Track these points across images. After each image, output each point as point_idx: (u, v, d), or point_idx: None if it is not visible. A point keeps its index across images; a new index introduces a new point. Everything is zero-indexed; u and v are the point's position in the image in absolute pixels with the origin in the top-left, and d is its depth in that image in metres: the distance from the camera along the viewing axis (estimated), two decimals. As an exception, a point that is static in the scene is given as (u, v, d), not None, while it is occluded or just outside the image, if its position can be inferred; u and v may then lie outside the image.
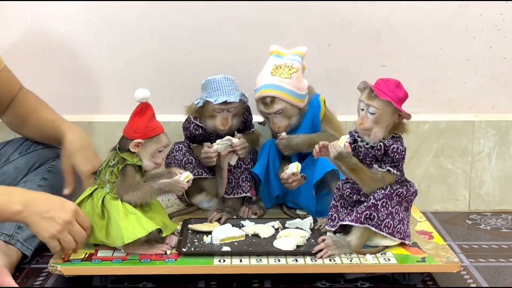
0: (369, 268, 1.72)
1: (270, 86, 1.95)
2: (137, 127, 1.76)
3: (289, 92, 1.94)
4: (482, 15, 2.27)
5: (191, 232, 1.91)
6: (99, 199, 1.76)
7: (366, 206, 1.72)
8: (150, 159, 1.78)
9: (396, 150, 1.72)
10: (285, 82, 1.94)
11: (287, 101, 1.94)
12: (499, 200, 2.35)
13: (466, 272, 1.85)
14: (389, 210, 1.73)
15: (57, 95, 2.30)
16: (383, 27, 2.28)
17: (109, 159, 1.79)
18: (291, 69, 1.96)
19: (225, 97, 1.94)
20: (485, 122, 2.31)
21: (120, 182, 1.75)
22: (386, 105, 1.70)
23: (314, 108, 2.01)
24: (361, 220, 1.73)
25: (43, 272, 1.82)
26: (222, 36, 2.27)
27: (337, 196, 1.80)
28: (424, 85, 2.32)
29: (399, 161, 1.73)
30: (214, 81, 1.96)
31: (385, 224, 1.73)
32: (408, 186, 1.77)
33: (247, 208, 2.06)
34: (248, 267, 1.71)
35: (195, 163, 2.03)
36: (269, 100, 1.94)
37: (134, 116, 1.77)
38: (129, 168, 1.75)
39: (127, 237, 1.70)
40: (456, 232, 2.15)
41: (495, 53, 2.30)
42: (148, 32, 2.27)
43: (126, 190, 1.75)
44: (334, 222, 1.79)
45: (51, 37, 2.26)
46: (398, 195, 1.74)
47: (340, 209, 1.80)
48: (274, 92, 1.94)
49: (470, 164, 2.33)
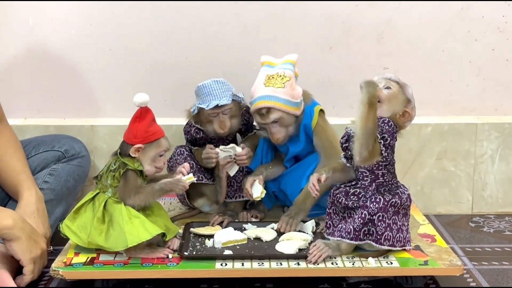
0: (371, 272, 1.71)
1: (264, 97, 1.94)
2: (137, 132, 1.76)
3: (284, 101, 1.94)
4: (485, 17, 2.26)
5: (193, 236, 1.90)
6: (100, 203, 1.76)
7: (363, 223, 1.72)
8: (151, 164, 1.78)
9: (386, 122, 1.71)
10: (279, 92, 1.94)
11: (283, 110, 1.94)
12: (503, 203, 2.34)
13: (469, 275, 1.84)
14: (387, 223, 1.72)
15: (59, 98, 2.31)
16: (385, 29, 2.27)
17: (110, 163, 1.79)
18: (283, 78, 1.95)
19: (216, 101, 1.95)
20: (488, 125, 2.30)
21: (122, 186, 1.75)
22: (402, 91, 1.76)
23: (306, 116, 1.99)
24: (361, 238, 1.72)
25: (45, 276, 1.81)
26: (223, 39, 2.27)
27: (329, 203, 1.80)
28: (426, 87, 2.31)
29: (387, 133, 1.71)
30: (205, 86, 1.96)
31: (385, 237, 1.72)
32: (400, 193, 1.75)
33: (246, 212, 2.06)
34: (250, 270, 1.71)
35: (196, 167, 2.03)
36: (264, 111, 1.94)
37: (133, 121, 1.77)
38: (130, 173, 1.75)
39: (131, 240, 1.70)
40: (459, 235, 2.15)
41: (498, 55, 2.30)
42: (149, 35, 2.27)
43: (128, 194, 1.75)
44: (329, 229, 1.80)
45: (53, 40, 2.26)
46: (393, 206, 1.73)
47: (333, 216, 1.79)
48: (269, 102, 1.93)
49: (473, 167, 2.32)
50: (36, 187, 1.91)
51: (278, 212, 2.11)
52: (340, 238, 1.74)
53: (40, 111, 2.32)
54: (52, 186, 2.01)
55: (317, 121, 1.99)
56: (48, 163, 2.06)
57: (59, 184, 2.04)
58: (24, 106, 2.31)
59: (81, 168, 2.13)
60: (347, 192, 1.77)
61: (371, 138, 1.68)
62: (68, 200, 2.07)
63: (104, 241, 1.73)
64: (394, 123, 1.73)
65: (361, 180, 1.76)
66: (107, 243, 1.72)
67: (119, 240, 1.71)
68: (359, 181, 1.77)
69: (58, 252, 1.81)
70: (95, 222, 1.74)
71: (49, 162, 2.06)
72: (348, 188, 1.78)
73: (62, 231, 1.78)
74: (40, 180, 2.00)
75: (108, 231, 1.73)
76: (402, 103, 1.76)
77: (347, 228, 1.73)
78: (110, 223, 1.74)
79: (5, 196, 1.96)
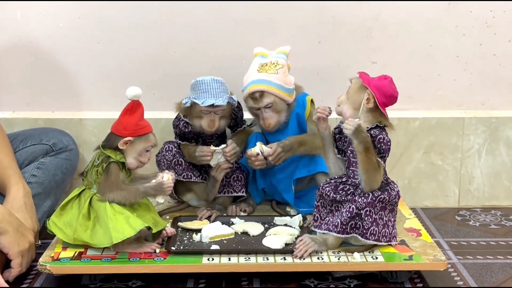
0: (356, 266, 1.73)
1: (258, 81, 1.96)
2: (127, 124, 1.76)
3: (277, 86, 1.95)
4: (472, 12, 2.27)
5: (181, 230, 1.91)
6: (86, 199, 1.76)
7: (350, 216, 1.73)
8: (137, 158, 1.78)
9: (382, 140, 1.74)
10: (272, 77, 1.95)
11: (276, 95, 1.95)
12: (489, 196, 2.36)
13: (453, 270, 1.86)
14: (373, 218, 1.74)
15: (47, 92, 2.31)
16: (373, 24, 2.28)
17: (94, 159, 1.79)
18: (276, 65, 1.97)
19: (213, 100, 1.94)
20: (475, 119, 2.32)
21: (103, 180, 1.75)
22: (357, 82, 1.77)
23: (299, 106, 2.02)
24: (347, 231, 1.74)
25: (33, 270, 1.82)
26: (212, 33, 2.27)
27: (317, 196, 1.82)
28: (414, 82, 2.32)
29: (386, 151, 1.75)
30: (203, 82, 1.96)
31: (370, 232, 1.74)
32: (389, 190, 1.77)
33: (235, 206, 2.07)
34: (236, 265, 1.72)
35: (185, 165, 2.04)
36: (258, 95, 1.95)
37: (124, 113, 1.77)
38: (112, 166, 1.75)
39: (116, 237, 1.71)
40: (445, 229, 2.16)
41: (485, 50, 2.31)
42: (138, 29, 2.26)
43: (109, 188, 1.74)
44: (317, 222, 1.81)
45: (41, 34, 2.26)
46: (380, 202, 1.74)
47: (321, 209, 1.81)
48: (263, 86, 1.95)
49: (460, 161, 2.34)
50: (24, 181, 1.92)
51: (266, 207, 2.13)
52: (327, 231, 1.75)
53: (29, 104, 2.31)
54: (40, 179, 2.01)
55: (310, 110, 2.01)
56: (36, 156, 2.06)
57: (47, 177, 2.04)
58: (13, 100, 2.30)
59: (69, 162, 2.13)
60: (336, 187, 1.78)
61: (375, 171, 1.72)
62: (56, 194, 2.07)
63: (90, 237, 1.73)
64: (387, 134, 1.75)
65: (352, 178, 1.77)
66: (92, 239, 1.73)
67: (104, 236, 1.72)
68: (350, 178, 1.78)
69: (46, 246, 1.81)
70: (81, 219, 1.75)
71: (37, 156, 2.06)
72: (338, 183, 1.79)
73: (48, 227, 1.78)
74: (28, 174, 2.00)
75: (94, 227, 1.74)
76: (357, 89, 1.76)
77: (335, 221, 1.75)
78: (96, 220, 1.74)
79: None
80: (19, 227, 1.74)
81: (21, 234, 1.73)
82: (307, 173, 2.00)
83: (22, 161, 2.03)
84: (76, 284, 1.75)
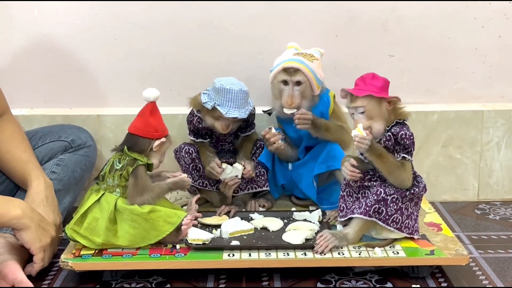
0: (377, 262, 1.72)
1: (295, 59, 1.97)
2: (157, 126, 1.77)
3: (312, 70, 1.97)
4: (491, 3, 2.25)
5: (200, 226, 1.91)
6: (110, 204, 1.75)
7: (376, 199, 1.73)
8: (160, 158, 1.80)
9: (405, 136, 1.73)
10: (307, 62, 1.97)
11: (308, 78, 1.95)
12: (508, 189, 2.34)
13: (475, 264, 1.85)
14: (399, 206, 1.73)
15: (65, 88, 2.31)
16: (390, 17, 2.26)
17: (112, 162, 1.78)
18: (312, 57, 2.00)
19: (237, 112, 1.94)
20: (494, 112, 2.30)
21: (133, 184, 1.74)
22: (369, 99, 1.72)
23: (324, 103, 2.02)
24: (370, 214, 1.73)
25: (54, 267, 1.83)
26: (228, 28, 2.26)
27: (343, 185, 1.82)
28: (432, 75, 2.31)
29: (410, 146, 1.74)
30: (231, 91, 1.94)
31: (393, 219, 1.73)
32: (417, 183, 1.77)
33: (254, 201, 2.07)
34: (257, 261, 1.72)
35: (202, 172, 2.04)
36: (292, 70, 1.95)
37: (148, 115, 1.77)
38: (141, 169, 1.75)
39: (155, 235, 1.74)
40: (465, 223, 2.15)
41: (504, 42, 2.29)
42: (155, 25, 2.26)
43: (140, 192, 1.75)
44: (342, 212, 1.80)
45: (58, 31, 2.26)
46: (411, 193, 1.74)
47: (347, 198, 1.81)
48: (299, 64, 1.96)
49: (479, 154, 2.32)
50: (45, 175, 1.92)
51: (285, 202, 2.13)
52: (351, 214, 1.75)
53: (47, 101, 2.32)
54: (60, 176, 2.02)
55: (333, 108, 2.03)
56: (55, 153, 2.06)
57: (67, 174, 2.04)
58: (31, 96, 2.31)
59: (88, 158, 2.13)
60: (364, 175, 1.78)
61: (398, 170, 1.72)
62: (75, 190, 2.08)
63: (122, 240, 1.74)
64: (408, 129, 1.74)
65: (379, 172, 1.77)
66: (124, 241, 1.74)
67: (139, 237, 1.74)
68: (377, 172, 1.78)
69: (67, 242, 1.82)
70: (108, 224, 1.74)
71: (56, 152, 2.07)
72: (365, 173, 1.79)
73: (69, 235, 1.77)
74: (47, 171, 2.00)
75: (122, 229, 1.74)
76: (378, 104, 1.73)
77: (360, 204, 1.74)
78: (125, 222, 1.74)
79: (14, 187, 1.97)
80: (41, 222, 1.74)
81: (42, 229, 1.74)
82: (326, 169, 1.99)
83: (41, 158, 2.03)
84: (98, 281, 1.76)
